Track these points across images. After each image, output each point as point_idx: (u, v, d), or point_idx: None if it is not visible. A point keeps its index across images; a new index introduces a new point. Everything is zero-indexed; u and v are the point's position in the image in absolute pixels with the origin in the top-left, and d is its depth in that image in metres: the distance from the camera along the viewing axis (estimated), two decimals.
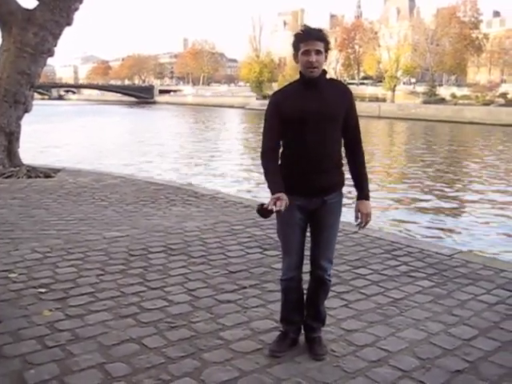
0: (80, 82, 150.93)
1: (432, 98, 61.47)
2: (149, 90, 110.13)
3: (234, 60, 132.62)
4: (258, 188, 14.88)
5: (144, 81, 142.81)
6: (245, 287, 4.30)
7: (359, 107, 3.16)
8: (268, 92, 69.72)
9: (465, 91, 62.57)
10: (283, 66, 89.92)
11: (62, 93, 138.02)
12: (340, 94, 3.05)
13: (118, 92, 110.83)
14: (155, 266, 4.79)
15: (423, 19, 75.37)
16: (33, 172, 10.22)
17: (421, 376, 2.97)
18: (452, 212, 12.94)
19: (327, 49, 2.96)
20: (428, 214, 12.54)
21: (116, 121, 51.81)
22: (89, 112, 67.29)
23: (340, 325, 3.61)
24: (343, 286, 4.34)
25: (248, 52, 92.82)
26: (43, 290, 4.13)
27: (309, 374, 2.97)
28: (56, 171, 10.77)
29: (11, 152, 10.65)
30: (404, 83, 73.02)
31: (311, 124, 2.94)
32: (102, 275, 4.52)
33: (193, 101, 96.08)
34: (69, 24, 10.69)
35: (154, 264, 4.86)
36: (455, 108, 54.16)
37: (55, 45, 10.71)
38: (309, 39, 2.90)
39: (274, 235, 5.38)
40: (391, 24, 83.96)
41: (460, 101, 58.43)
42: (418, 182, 17.37)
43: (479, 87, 62.57)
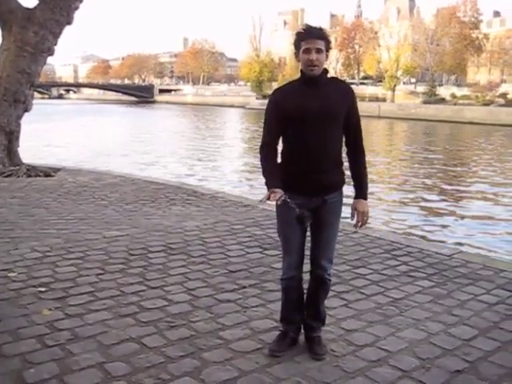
0: (80, 81, 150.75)
1: (432, 98, 61.47)
2: (149, 90, 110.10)
3: (234, 59, 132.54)
4: (258, 187, 14.88)
5: (144, 80, 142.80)
6: (244, 287, 4.29)
7: (359, 107, 3.15)
8: (268, 92, 69.62)
9: (465, 91, 62.58)
10: (283, 66, 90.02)
11: (62, 92, 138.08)
12: (341, 93, 3.05)
13: (118, 91, 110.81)
14: (155, 266, 4.79)
15: (423, 19, 75.37)
16: (33, 171, 10.22)
17: (420, 376, 2.97)
18: (452, 212, 12.93)
19: (328, 48, 2.97)
20: (428, 214, 12.55)
21: (116, 120, 51.79)
22: (89, 111, 67.27)
23: (340, 324, 3.61)
24: (343, 286, 4.34)
25: (248, 51, 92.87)
26: (43, 289, 4.13)
27: (308, 374, 2.97)
28: (56, 170, 10.78)
29: (11, 151, 10.66)
30: (404, 83, 73.03)
31: (311, 122, 2.94)
32: (102, 274, 4.52)
33: (193, 100, 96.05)
34: (69, 23, 10.70)
35: (154, 263, 4.86)
36: (455, 108, 54.18)
37: (55, 44, 10.71)
38: (310, 38, 2.90)
39: (274, 235, 5.38)
40: (391, 24, 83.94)
41: (460, 101, 58.44)
42: (418, 182, 17.37)
43: (479, 87, 62.57)
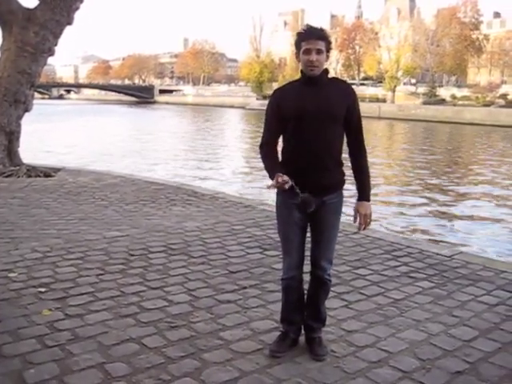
0: (80, 82, 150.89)
1: (432, 99, 61.51)
2: (149, 90, 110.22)
3: (235, 60, 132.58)
4: (259, 188, 14.88)
5: (144, 80, 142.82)
6: (245, 287, 4.29)
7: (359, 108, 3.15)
8: (268, 92, 69.66)
9: (465, 92, 62.65)
10: (283, 66, 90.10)
11: (63, 92, 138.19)
12: (342, 94, 3.05)
13: (119, 92, 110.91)
14: (155, 266, 4.79)
15: (424, 20, 75.43)
16: (33, 171, 10.21)
17: (421, 377, 2.96)
18: (452, 213, 12.93)
19: (329, 48, 2.97)
20: (428, 215, 12.55)
21: (116, 120, 51.80)
22: (89, 111, 67.30)
23: (340, 325, 3.61)
24: (343, 287, 4.34)
25: (248, 52, 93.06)
26: (43, 290, 4.13)
27: (309, 375, 2.96)
28: (56, 170, 10.77)
29: (11, 151, 10.65)
30: (404, 84, 73.04)
31: (311, 122, 2.94)
32: (102, 275, 4.52)
33: (193, 101, 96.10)
34: (69, 23, 10.69)
35: (154, 264, 4.86)
36: (455, 109, 54.24)
37: (56, 44, 10.71)
38: (310, 38, 2.91)
39: (275, 235, 5.38)
40: (392, 24, 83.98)
41: (460, 102, 58.52)
42: (418, 183, 17.37)
43: (479, 88, 62.62)
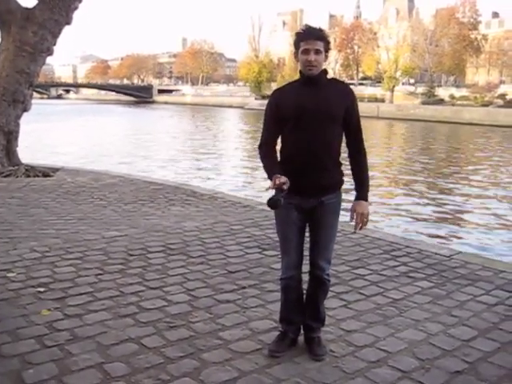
0: (79, 82, 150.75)
1: (431, 99, 61.53)
2: (148, 90, 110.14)
3: (233, 60, 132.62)
4: (258, 188, 14.88)
5: (143, 80, 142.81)
6: (244, 287, 4.29)
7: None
8: (267, 92, 69.72)
9: (463, 92, 62.70)
10: (282, 66, 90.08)
11: (61, 92, 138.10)
12: (341, 94, 3.05)
13: (117, 91, 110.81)
14: (154, 266, 4.78)
15: (422, 20, 75.44)
16: (31, 171, 10.20)
17: (420, 377, 2.97)
18: (451, 212, 12.94)
19: (327, 48, 2.98)
20: (427, 215, 12.55)
21: (115, 120, 51.77)
22: (88, 111, 67.23)
23: (339, 325, 3.61)
24: (342, 287, 4.34)
25: (247, 52, 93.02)
26: (42, 290, 4.12)
27: (308, 375, 2.96)
28: (55, 170, 10.76)
29: (10, 151, 10.64)
30: (403, 84, 73.09)
31: (310, 122, 2.95)
32: (101, 275, 4.52)
33: (192, 101, 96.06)
34: (68, 23, 10.68)
35: (153, 264, 4.85)
36: (454, 109, 54.26)
37: (54, 44, 10.69)
38: (309, 38, 2.92)
39: (273, 235, 5.38)
40: (390, 24, 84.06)
41: (459, 102, 58.55)
42: (417, 183, 17.38)
43: (478, 88, 62.66)
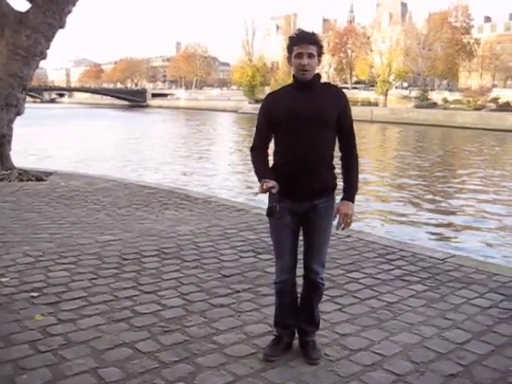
0: (72, 85, 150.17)
1: (424, 103, 61.81)
2: (141, 94, 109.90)
3: (227, 64, 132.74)
4: (252, 192, 14.87)
5: (136, 84, 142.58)
6: (238, 291, 4.28)
7: (351, 111, 3.15)
8: (260, 96, 69.77)
9: (456, 96, 63.00)
10: (276, 70, 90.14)
11: (55, 96, 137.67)
12: (333, 98, 3.06)
13: (111, 95, 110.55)
14: (148, 270, 4.77)
15: (415, 24, 75.79)
16: (25, 175, 10.16)
17: (415, 380, 2.97)
18: (445, 216, 12.98)
19: (320, 52, 2.99)
20: (421, 218, 12.58)
21: (108, 124, 51.62)
22: (81, 115, 67.06)
23: (334, 329, 3.61)
24: (337, 290, 4.34)
25: (241, 56, 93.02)
26: (35, 294, 4.10)
27: (303, 379, 2.96)
28: (48, 174, 10.72)
29: (3, 155, 10.59)
30: (396, 87, 73.38)
31: (302, 126, 2.95)
32: (95, 279, 4.50)
33: (185, 104, 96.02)
34: (62, 27, 10.65)
35: (147, 268, 4.84)
36: (447, 112, 54.52)
37: (48, 47, 10.66)
38: (302, 42, 2.93)
39: (268, 239, 5.37)
40: (383, 29, 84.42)
41: (452, 105, 58.84)
42: (411, 187, 17.43)
43: (471, 92, 63.01)
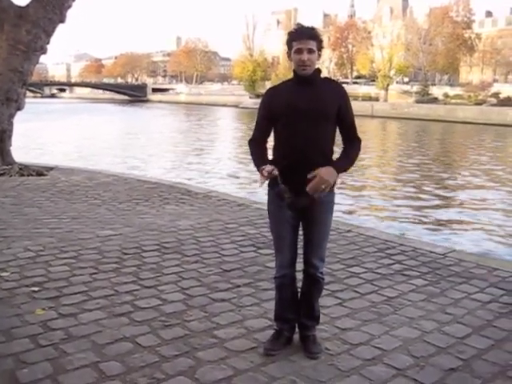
0: (73, 80, 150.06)
1: (425, 98, 61.70)
2: (142, 89, 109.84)
3: (228, 59, 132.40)
4: (252, 187, 14.88)
5: (137, 79, 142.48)
6: (239, 286, 4.29)
7: (352, 106, 3.14)
8: (261, 91, 69.57)
9: (457, 91, 62.88)
10: (276, 65, 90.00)
11: (55, 91, 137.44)
12: (333, 92, 3.06)
13: (111, 90, 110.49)
14: (149, 265, 4.78)
15: (416, 19, 75.61)
16: (25, 170, 10.16)
17: (415, 374, 2.98)
18: (445, 211, 12.98)
19: (320, 47, 2.98)
20: (421, 213, 12.58)
21: (109, 119, 51.56)
22: (81, 110, 66.95)
23: (334, 323, 3.61)
24: (337, 285, 4.35)
25: (241, 51, 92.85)
26: (36, 289, 4.11)
27: (303, 373, 2.97)
28: (48, 169, 10.72)
29: (3, 150, 10.59)
30: (397, 82, 73.24)
31: (301, 119, 2.95)
32: (96, 274, 4.51)
33: (186, 99, 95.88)
34: (62, 21, 10.63)
35: (148, 262, 4.85)
36: (447, 107, 54.42)
37: (48, 42, 10.64)
38: (301, 38, 2.92)
39: (268, 234, 5.36)
40: (384, 23, 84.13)
41: (452, 100, 58.72)
42: (411, 181, 17.42)
43: (472, 87, 62.87)
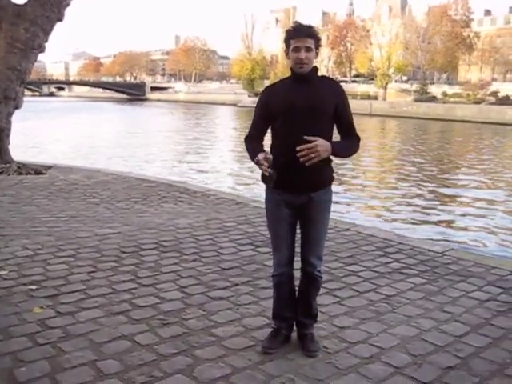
0: (71, 79, 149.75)
1: (423, 96, 61.72)
2: (140, 87, 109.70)
3: (226, 57, 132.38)
4: (251, 185, 14.88)
5: (135, 78, 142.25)
6: (237, 284, 4.29)
7: (351, 105, 3.14)
8: (260, 89, 69.47)
9: (456, 89, 62.91)
10: (275, 64, 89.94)
11: (53, 89, 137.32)
12: (330, 90, 3.05)
13: (110, 89, 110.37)
14: (147, 263, 4.77)
15: (415, 17, 75.65)
16: (23, 169, 10.15)
17: (413, 372, 2.98)
18: (443, 209, 12.99)
19: (318, 45, 2.98)
20: (419, 211, 12.59)
21: (108, 118, 51.53)
22: (80, 109, 66.91)
23: (332, 321, 3.62)
24: (335, 283, 4.35)
25: (240, 49, 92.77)
26: (34, 287, 4.10)
27: (301, 371, 2.97)
28: (47, 168, 10.72)
29: (1, 149, 10.59)
30: (396, 81, 73.26)
31: (299, 118, 2.95)
32: (94, 272, 4.50)
33: (184, 98, 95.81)
34: (60, 20, 10.62)
35: (146, 261, 4.84)
36: (446, 106, 54.45)
37: (46, 40, 10.63)
38: (299, 36, 2.92)
39: (266, 232, 5.36)
40: (383, 22, 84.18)
41: (451, 99, 58.75)
42: (410, 180, 17.43)
43: (470, 85, 62.93)
